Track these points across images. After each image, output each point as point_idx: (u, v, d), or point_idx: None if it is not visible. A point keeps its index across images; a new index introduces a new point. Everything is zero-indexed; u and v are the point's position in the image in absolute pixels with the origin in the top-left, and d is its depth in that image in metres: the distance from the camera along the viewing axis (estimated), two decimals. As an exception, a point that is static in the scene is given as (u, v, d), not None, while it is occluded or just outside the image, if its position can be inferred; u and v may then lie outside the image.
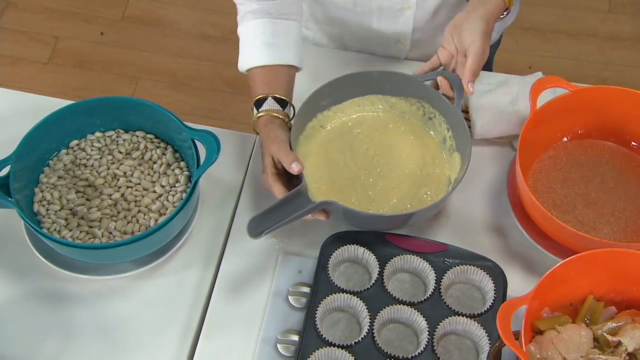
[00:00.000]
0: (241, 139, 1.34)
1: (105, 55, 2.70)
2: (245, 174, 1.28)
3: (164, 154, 1.22)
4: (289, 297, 1.13)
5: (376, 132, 1.24)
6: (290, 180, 1.14)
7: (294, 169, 1.11)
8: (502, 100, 1.29)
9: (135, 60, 2.68)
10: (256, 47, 1.20)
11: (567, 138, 1.25)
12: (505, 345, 1.01)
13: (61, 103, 1.21)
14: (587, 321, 1.02)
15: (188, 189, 1.13)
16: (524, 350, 0.92)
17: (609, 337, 0.97)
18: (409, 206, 1.17)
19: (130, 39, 2.75)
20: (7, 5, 2.82)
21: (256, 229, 1.09)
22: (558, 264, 0.98)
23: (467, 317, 1.09)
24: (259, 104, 1.18)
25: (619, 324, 0.99)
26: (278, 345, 1.09)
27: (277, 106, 1.17)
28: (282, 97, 1.18)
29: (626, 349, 0.96)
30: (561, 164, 1.24)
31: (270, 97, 1.17)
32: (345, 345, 1.06)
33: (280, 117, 1.17)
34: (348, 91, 1.24)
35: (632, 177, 1.22)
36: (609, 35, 2.74)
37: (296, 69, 1.23)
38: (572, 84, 1.20)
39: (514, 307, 0.94)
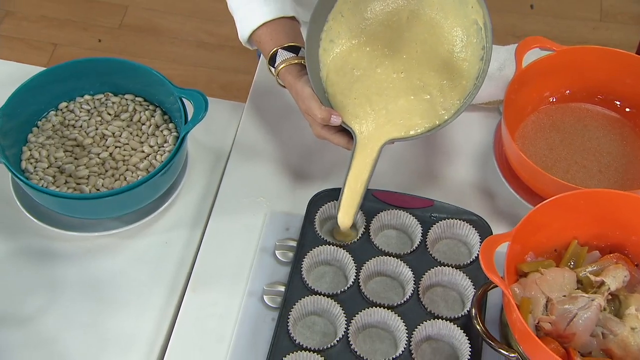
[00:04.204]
0: (230, 107, 1.35)
1: (103, 62, 2.72)
2: (234, 141, 1.29)
3: (152, 116, 1.23)
4: (276, 252, 1.13)
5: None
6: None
7: (335, 122, 1.09)
8: (490, 66, 1.29)
9: (131, 66, 2.70)
10: (252, 8, 1.18)
11: (554, 99, 1.26)
12: (490, 288, 1.01)
13: (50, 70, 1.23)
14: (571, 265, 1.01)
15: (176, 147, 1.14)
16: (506, 283, 0.91)
17: (592, 277, 0.97)
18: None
19: (127, 46, 2.78)
20: (6, 14, 2.86)
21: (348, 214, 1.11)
22: (541, 203, 0.98)
23: (453, 267, 1.09)
24: (272, 61, 1.16)
25: (602, 266, 0.99)
26: (264, 297, 1.08)
27: (290, 54, 1.14)
28: (291, 44, 1.15)
29: (609, 288, 0.95)
30: (543, 128, 1.25)
31: (279, 49, 1.15)
32: (331, 294, 1.06)
33: (297, 61, 1.14)
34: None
35: (615, 136, 1.23)
36: (600, 43, 2.71)
37: (298, 22, 1.20)
38: (558, 45, 1.21)
39: (496, 243, 0.93)
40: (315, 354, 1.01)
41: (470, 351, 1.00)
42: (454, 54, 1.13)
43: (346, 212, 1.11)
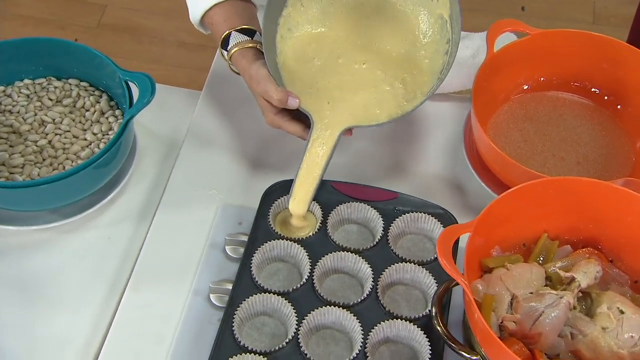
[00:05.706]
0: (185, 95, 1.28)
1: (79, 61, 2.65)
2: (188, 130, 1.21)
3: (98, 102, 1.15)
4: (226, 248, 1.05)
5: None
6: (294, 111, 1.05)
7: (292, 104, 1.02)
8: (462, 53, 1.23)
9: (109, 65, 2.63)
10: None
11: (528, 87, 1.18)
12: (453, 285, 0.93)
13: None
14: (541, 261, 0.93)
15: (122, 135, 1.06)
16: (465, 275, 0.83)
17: (562, 273, 0.88)
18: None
19: (105, 45, 2.69)
20: (-20, 12, 2.79)
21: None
22: (505, 192, 0.90)
23: (415, 264, 1.00)
24: (225, 44, 1.08)
25: (572, 262, 0.91)
26: (211, 296, 1.00)
27: (244, 37, 1.07)
28: (246, 27, 1.07)
29: (579, 285, 0.87)
30: (517, 118, 1.17)
31: (233, 31, 1.07)
32: (281, 292, 0.97)
33: (251, 45, 1.06)
34: None
35: (593, 126, 1.15)
36: (593, 45, 2.69)
37: (254, 5, 1.13)
38: (532, 28, 1.14)
39: (455, 233, 0.85)
40: (261, 356, 0.92)
41: (430, 354, 0.92)
42: (417, 52, 1.09)
43: (300, 198, 1.03)
